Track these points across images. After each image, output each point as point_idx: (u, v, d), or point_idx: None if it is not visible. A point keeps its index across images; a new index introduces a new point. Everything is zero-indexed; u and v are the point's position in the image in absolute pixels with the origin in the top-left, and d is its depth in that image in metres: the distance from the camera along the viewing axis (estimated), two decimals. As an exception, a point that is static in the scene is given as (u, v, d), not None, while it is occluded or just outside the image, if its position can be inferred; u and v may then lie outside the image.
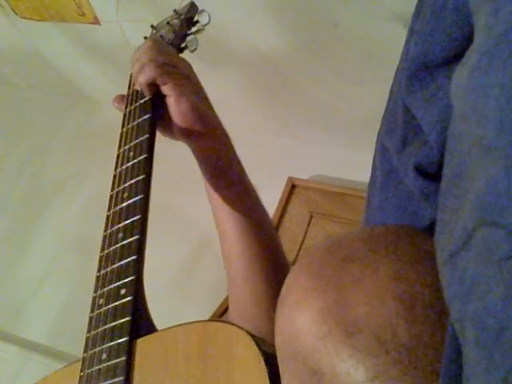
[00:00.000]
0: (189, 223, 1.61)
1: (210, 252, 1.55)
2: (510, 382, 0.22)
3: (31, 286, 1.73)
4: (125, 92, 0.71)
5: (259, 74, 1.48)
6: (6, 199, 1.93)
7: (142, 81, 0.63)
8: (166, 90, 0.62)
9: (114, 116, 0.69)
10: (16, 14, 1.63)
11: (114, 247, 0.57)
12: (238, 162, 0.68)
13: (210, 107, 0.66)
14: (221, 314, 1.42)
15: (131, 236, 0.55)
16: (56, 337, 1.60)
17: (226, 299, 1.43)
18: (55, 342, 1.58)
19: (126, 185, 0.60)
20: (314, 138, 1.60)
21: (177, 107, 0.61)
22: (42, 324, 1.64)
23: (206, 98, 0.65)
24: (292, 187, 1.58)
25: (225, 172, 0.65)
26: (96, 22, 1.51)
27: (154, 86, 0.63)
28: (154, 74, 0.61)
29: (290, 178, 1.58)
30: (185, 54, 0.76)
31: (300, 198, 1.58)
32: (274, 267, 0.67)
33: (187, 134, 0.63)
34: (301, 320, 0.33)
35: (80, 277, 1.57)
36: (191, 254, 1.62)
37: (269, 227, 0.70)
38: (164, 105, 0.63)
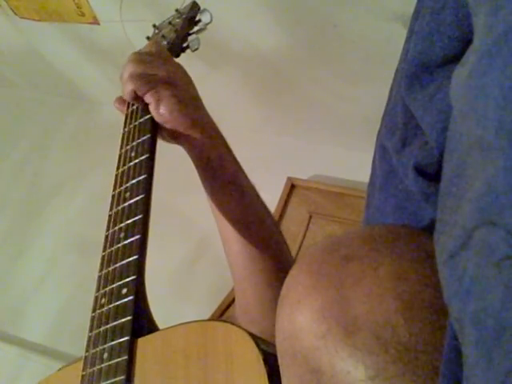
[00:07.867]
0: (189, 223, 1.61)
1: (210, 252, 1.55)
2: (509, 382, 0.22)
3: (31, 286, 1.73)
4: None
5: (259, 73, 1.48)
6: (6, 199, 1.93)
7: (127, 98, 0.65)
8: (146, 99, 0.63)
9: (114, 116, 0.69)
10: (15, 14, 1.63)
11: (115, 247, 0.57)
12: (233, 162, 0.67)
13: (198, 107, 0.66)
14: (221, 314, 1.42)
15: (133, 235, 0.56)
16: (56, 337, 1.60)
17: (226, 299, 1.43)
18: (55, 342, 1.58)
19: (127, 184, 0.60)
20: (313, 138, 1.60)
21: (156, 113, 0.63)
22: (42, 324, 1.64)
23: (191, 98, 0.66)
24: (291, 187, 1.58)
25: (217, 172, 0.65)
26: (95, 22, 1.51)
27: (139, 98, 0.64)
28: (133, 87, 0.63)
29: (289, 178, 1.58)
30: (187, 54, 0.76)
31: (299, 198, 1.57)
32: (275, 267, 0.67)
33: (173, 137, 0.64)
34: (301, 319, 0.33)
35: (79, 277, 1.57)
36: (191, 253, 1.62)
37: (269, 225, 0.70)
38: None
